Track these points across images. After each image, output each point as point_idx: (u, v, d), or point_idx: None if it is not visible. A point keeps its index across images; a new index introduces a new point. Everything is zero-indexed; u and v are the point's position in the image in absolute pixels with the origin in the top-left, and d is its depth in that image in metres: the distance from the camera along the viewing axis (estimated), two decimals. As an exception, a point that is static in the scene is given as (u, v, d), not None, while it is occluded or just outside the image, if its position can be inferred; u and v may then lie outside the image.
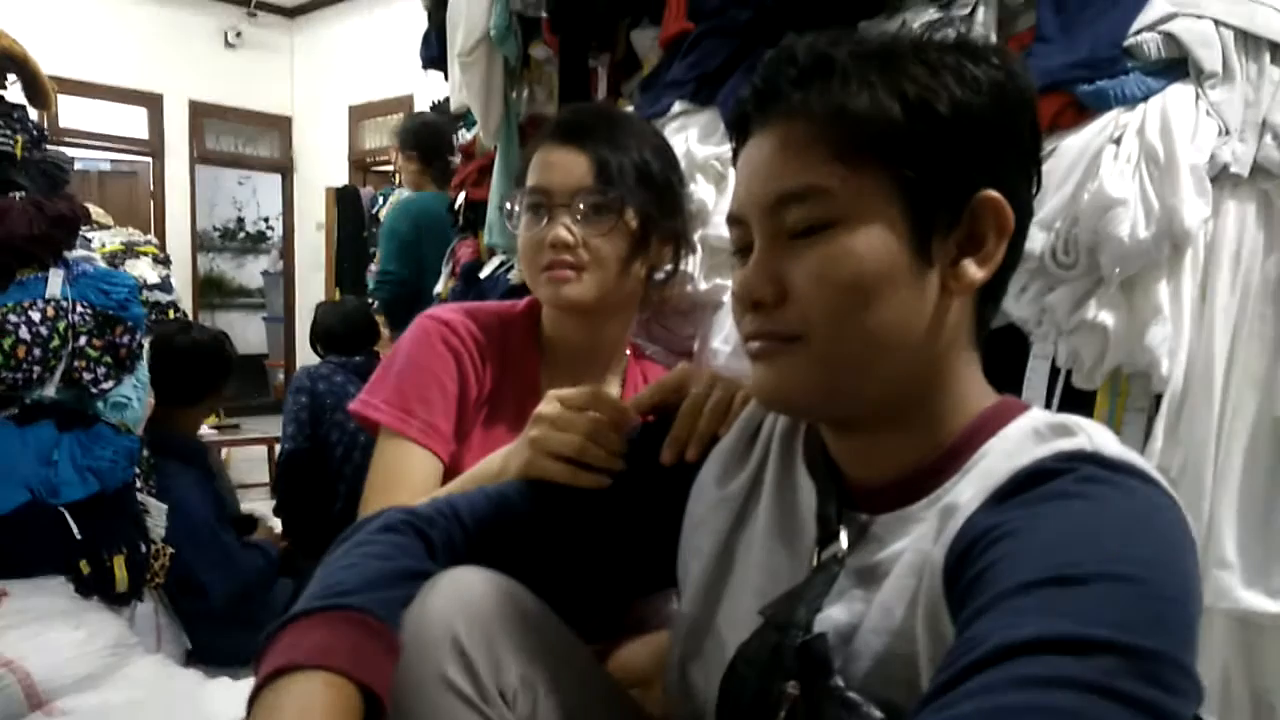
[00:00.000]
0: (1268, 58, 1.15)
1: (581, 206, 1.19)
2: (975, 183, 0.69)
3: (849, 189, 0.68)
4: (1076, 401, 1.21)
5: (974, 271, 0.70)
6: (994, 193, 0.69)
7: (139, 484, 2.48)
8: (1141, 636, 0.51)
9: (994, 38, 1.35)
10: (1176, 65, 1.19)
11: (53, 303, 2.23)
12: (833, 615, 0.72)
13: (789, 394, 0.73)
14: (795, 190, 0.70)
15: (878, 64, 0.70)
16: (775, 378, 0.73)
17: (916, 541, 0.69)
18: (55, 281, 2.27)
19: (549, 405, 0.97)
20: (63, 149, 2.46)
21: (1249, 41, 1.16)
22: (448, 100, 3.00)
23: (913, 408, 0.73)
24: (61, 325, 2.22)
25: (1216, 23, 1.17)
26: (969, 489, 0.67)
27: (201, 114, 7.54)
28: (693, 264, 1.46)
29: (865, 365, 0.70)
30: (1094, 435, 0.66)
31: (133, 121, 7.28)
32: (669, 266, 1.32)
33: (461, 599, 0.79)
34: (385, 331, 3.66)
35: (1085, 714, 0.48)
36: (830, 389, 0.71)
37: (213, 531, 2.71)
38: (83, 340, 2.26)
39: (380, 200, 5.92)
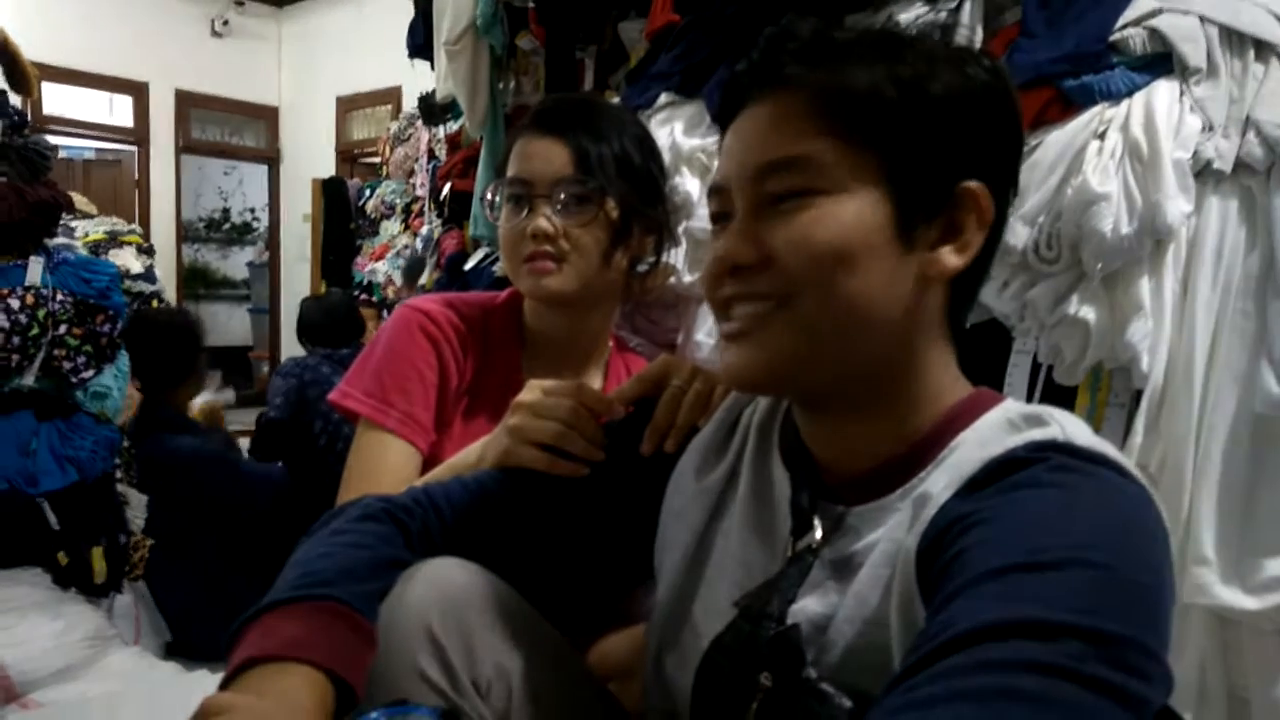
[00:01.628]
0: (1252, 54, 1.15)
1: (562, 196, 1.18)
2: (960, 172, 0.70)
3: (838, 163, 0.68)
4: (1058, 397, 1.21)
5: (952, 259, 0.71)
6: (976, 183, 0.70)
7: (119, 475, 2.47)
8: (1108, 621, 0.51)
9: (980, 31, 1.35)
10: (1161, 61, 1.19)
11: (32, 290, 2.21)
12: (808, 606, 0.72)
13: (767, 362, 0.71)
14: (784, 159, 0.70)
15: (877, 46, 0.71)
16: (752, 349, 0.71)
17: (891, 531, 0.69)
18: (35, 269, 2.26)
19: (530, 393, 0.96)
20: (46, 136, 2.44)
21: (1233, 38, 1.16)
22: (435, 91, 2.99)
23: (886, 394, 0.73)
24: (41, 313, 2.20)
25: (1201, 19, 1.16)
26: (942, 479, 0.67)
27: (187, 103, 7.48)
28: (677, 256, 1.46)
29: (845, 334, 0.69)
30: (1066, 425, 0.66)
31: (118, 110, 7.23)
32: (651, 257, 1.31)
33: (437, 590, 0.79)
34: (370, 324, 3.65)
35: (1049, 697, 0.49)
36: (808, 358, 0.70)
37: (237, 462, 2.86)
38: (62, 329, 2.24)
39: (367, 192, 5.90)
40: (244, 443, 5.40)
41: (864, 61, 0.69)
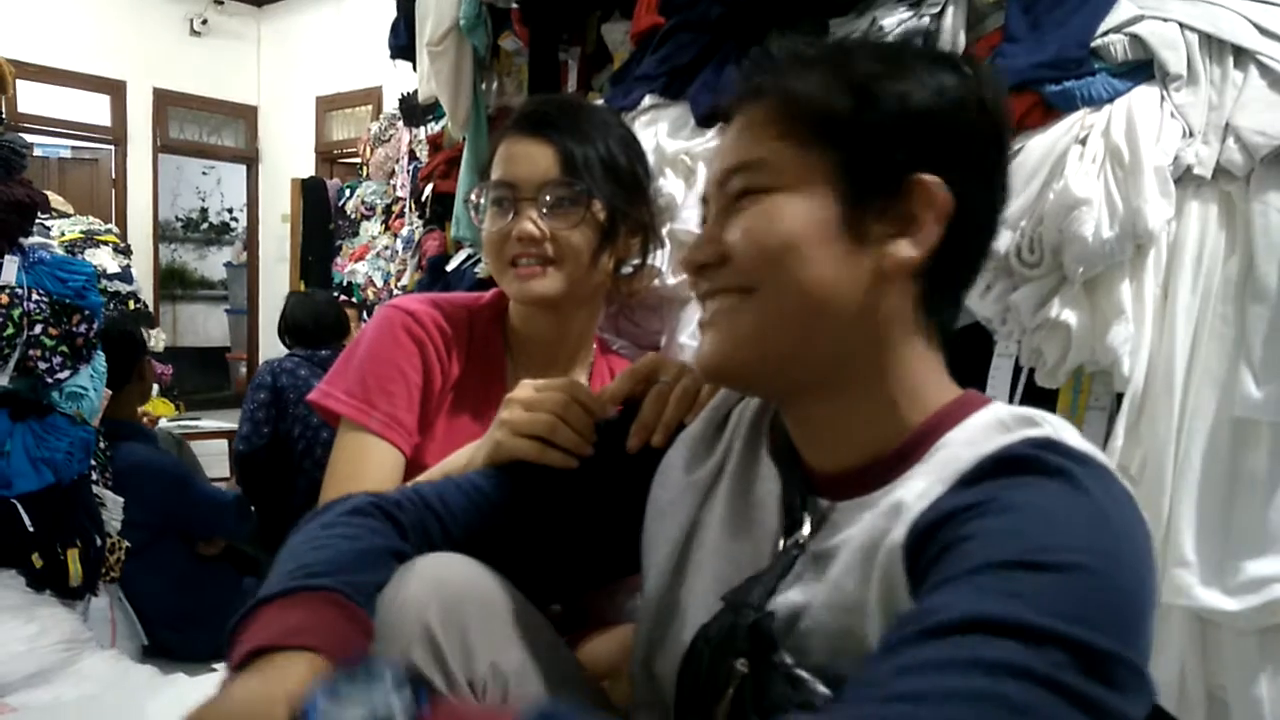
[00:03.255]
0: (1231, 61, 1.16)
1: (548, 199, 1.18)
2: (911, 167, 0.70)
3: (789, 163, 0.72)
4: (1039, 400, 1.22)
5: (905, 250, 0.71)
6: (928, 176, 0.70)
7: (94, 476, 2.44)
8: (1095, 632, 0.53)
9: (963, 37, 1.36)
10: (1142, 67, 1.20)
11: (7, 290, 2.18)
12: (790, 598, 0.73)
13: (731, 351, 0.74)
14: (745, 162, 0.74)
15: (832, 55, 0.74)
16: (719, 338, 0.75)
17: (873, 523, 0.70)
18: (10, 268, 2.23)
19: (521, 390, 0.97)
20: (22, 135, 2.41)
21: (1213, 45, 1.17)
22: (416, 92, 2.98)
23: (859, 390, 0.73)
24: (16, 313, 2.17)
25: (1181, 26, 1.18)
26: (929, 476, 0.68)
27: (166, 102, 7.42)
28: (661, 258, 1.45)
29: (800, 323, 0.72)
30: (1058, 427, 0.67)
31: (95, 108, 7.15)
32: (636, 259, 1.31)
33: (436, 587, 0.78)
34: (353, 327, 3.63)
35: (1032, 707, 0.50)
36: (767, 346, 0.73)
37: (191, 479, 2.83)
38: (38, 328, 2.21)
39: (347, 193, 5.87)
40: (218, 444, 5.38)
41: (820, 68, 0.73)
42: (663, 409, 0.92)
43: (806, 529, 0.75)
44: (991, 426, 0.69)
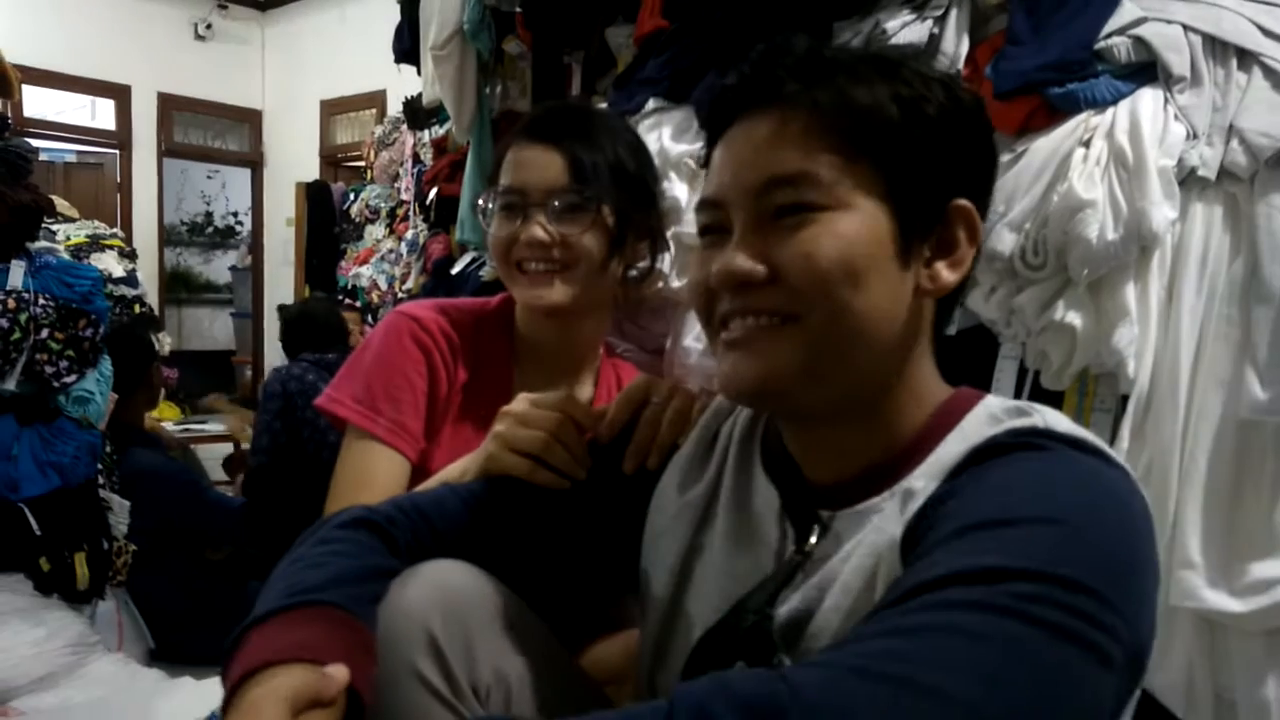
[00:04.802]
0: (1234, 63, 1.16)
1: (557, 205, 1.18)
2: (952, 189, 0.72)
3: (841, 180, 0.69)
4: (1044, 402, 1.21)
5: (947, 274, 0.72)
6: (967, 201, 0.72)
7: (101, 480, 2.45)
8: (1064, 568, 0.53)
9: (966, 39, 1.36)
10: (1146, 69, 1.20)
11: (14, 294, 2.19)
12: (794, 604, 0.73)
13: (769, 378, 0.70)
14: (789, 175, 0.69)
15: (873, 65, 0.72)
16: (755, 364, 0.71)
17: (878, 525, 0.70)
18: (17, 273, 2.24)
19: (518, 404, 0.96)
20: (27, 139, 2.42)
21: (1216, 47, 1.17)
22: (420, 95, 3.00)
23: (875, 403, 0.73)
24: (23, 317, 2.18)
25: (1185, 28, 1.18)
26: (927, 473, 0.69)
27: (170, 106, 7.43)
28: (664, 262, 1.45)
29: (848, 350, 0.70)
30: (1047, 415, 0.68)
31: (100, 113, 7.17)
32: (644, 264, 1.30)
33: (439, 592, 0.78)
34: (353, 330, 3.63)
35: (987, 633, 0.50)
36: (811, 373, 0.70)
37: (199, 485, 2.87)
38: (44, 333, 2.22)
39: (351, 196, 5.87)
40: (225, 448, 5.39)
41: (863, 80, 0.70)
42: (656, 431, 0.92)
43: (814, 538, 0.74)
44: (984, 420, 0.70)
